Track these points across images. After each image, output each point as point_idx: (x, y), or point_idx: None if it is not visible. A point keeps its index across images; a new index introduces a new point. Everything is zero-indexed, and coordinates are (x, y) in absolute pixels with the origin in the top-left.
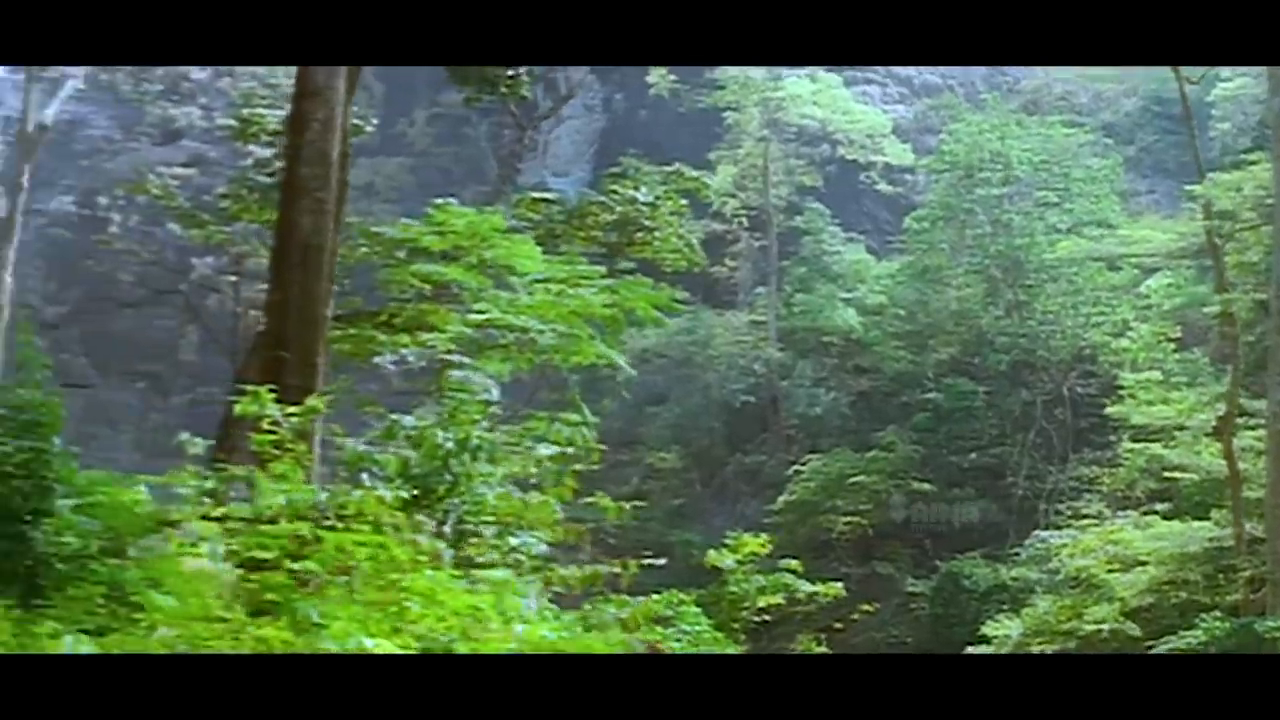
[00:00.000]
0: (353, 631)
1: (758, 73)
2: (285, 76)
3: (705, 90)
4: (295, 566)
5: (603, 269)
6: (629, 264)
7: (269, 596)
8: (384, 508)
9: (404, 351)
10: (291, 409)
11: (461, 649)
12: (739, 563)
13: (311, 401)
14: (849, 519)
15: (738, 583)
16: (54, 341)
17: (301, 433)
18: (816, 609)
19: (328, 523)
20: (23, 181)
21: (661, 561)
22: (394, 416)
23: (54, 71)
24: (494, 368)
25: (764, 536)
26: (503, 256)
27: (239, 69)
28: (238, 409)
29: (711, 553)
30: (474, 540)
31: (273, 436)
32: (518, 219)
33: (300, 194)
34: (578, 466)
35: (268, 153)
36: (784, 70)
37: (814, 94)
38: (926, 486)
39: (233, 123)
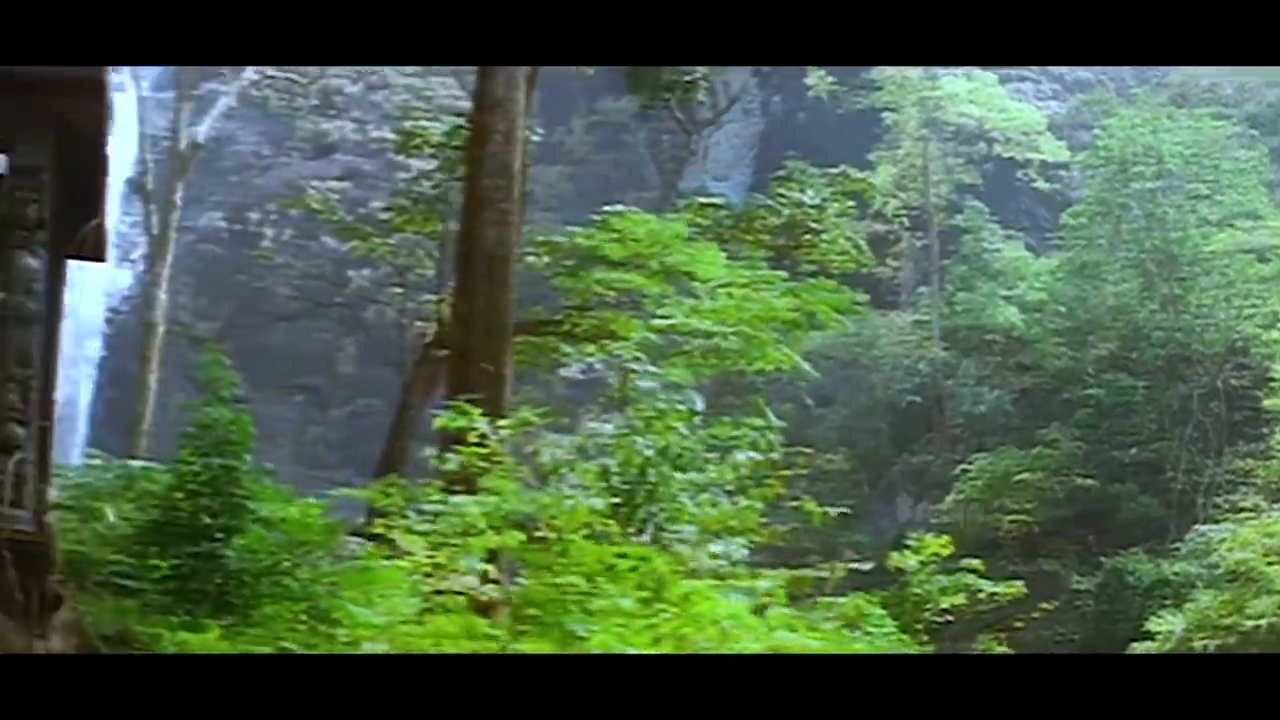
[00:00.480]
0: (613, 644)
1: (914, 72)
2: (441, 88)
3: (863, 91)
4: (559, 580)
5: (784, 273)
6: (808, 267)
7: (530, 611)
8: (596, 517)
9: (590, 360)
10: (503, 422)
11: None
12: (921, 564)
13: (524, 414)
14: (1015, 517)
15: (920, 584)
16: None
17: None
18: (990, 609)
19: (540, 534)
20: (176, 199)
21: (868, 566)
22: (591, 424)
23: (205, 88)
24: (678, 374)
25: (945, 537)
26: (684, 263)
27: (393, 82)
28: (439, 423)
29: (895, 554)
30: (675, 547)
31: (483, 450)
32: (686, 224)
33: (484, 206)
34: (784, 471)
35: (428, 165)
36: (939, 68)
37: (970, 92)
38: (1089, 482)
39: (393, 136)
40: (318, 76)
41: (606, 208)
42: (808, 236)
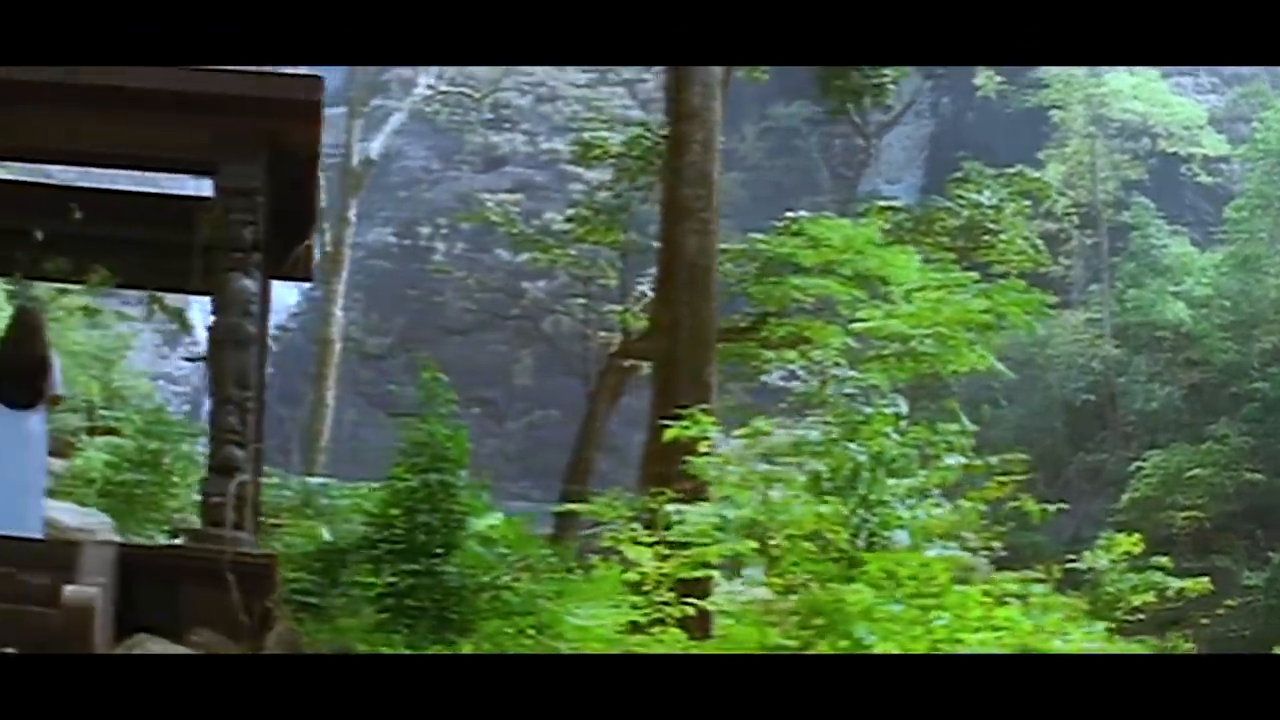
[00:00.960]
0: (892, 650)
1: (1080, 70)
2: (611, 98)
3: (1031, 90)
4: (844, 590)
5: (975, 274)
6: (997, 268)
7: (816, 621)
8: (824, 523)
9: (792, 366)
10: (740, 431)
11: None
12: (1112, 562)
13: (757, 423)
14: (1187, 513)
15: (1112, 582)
16: (379, 372)
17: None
18: (1175, 606)
19: (773, 541)
20: (349, 216)
21: (1084, 565)
22: (799, 431)
23: (375, 104)
24: (876, 378)
25: (1135, 535)
26: (877, 267)
27: (563, 93)
28: (670, 433)
29: (1087, 554)
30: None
31: (716, 458)
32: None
33: (684, 215)
34: (1002, 476)
35: (602, 175)
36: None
37: (1134, 88)
38: (1257, 477)
39: (564, 147)
40: (490, 90)
41: (789, 213)
42: (986, 237)
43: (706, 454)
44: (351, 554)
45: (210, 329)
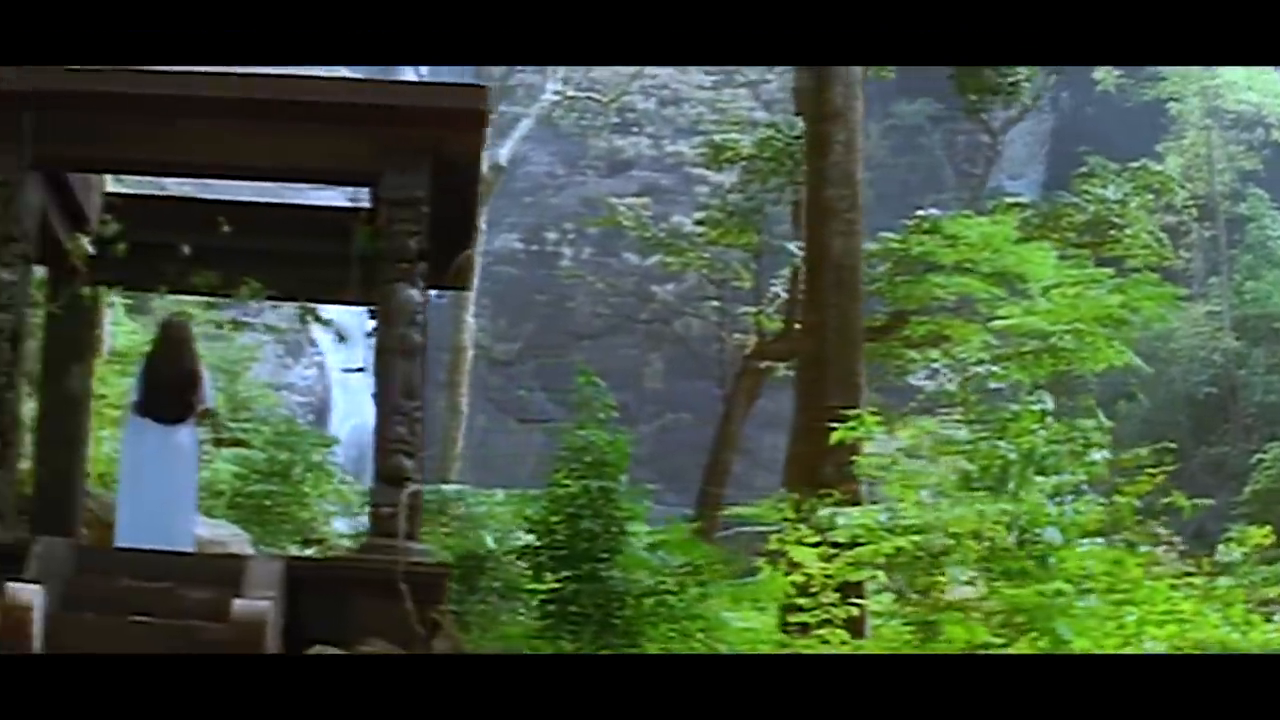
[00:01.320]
0: (1089, 646)
1: None
2: (735, 99)
3: (1149, 83)
4: (1046, 587)
5: (1110, 270)
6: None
7: (1018, 619)
8: (986, 523)
9: (934, 365)
10: (908, 432)
11: None
12: (1245, 555)
13: (924, 423)
14: None
15: (1245, 575)
16: (508, 379)
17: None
18: None
19: (937, 541)
20: (480, 224)
21: (1237, 557)
22: (944, 430)
23: (503, 109)
24: (1017, 376)
25: (1266, 528)
26: (1015, 264)
27: (686, 96)
28: (838, 435)
29: (1221, 546)
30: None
31: (882, 459)
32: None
33: (829, 216)
34: (1153, 469)
35: (729, 178)
36: None
37: (1248, 79)
38: None
39: (689, 150)
40: (618, 94)
41: (919, 211)
42: (1111, 232)
43: (873, 455)
44: (489, 561)
45: (377, 339)
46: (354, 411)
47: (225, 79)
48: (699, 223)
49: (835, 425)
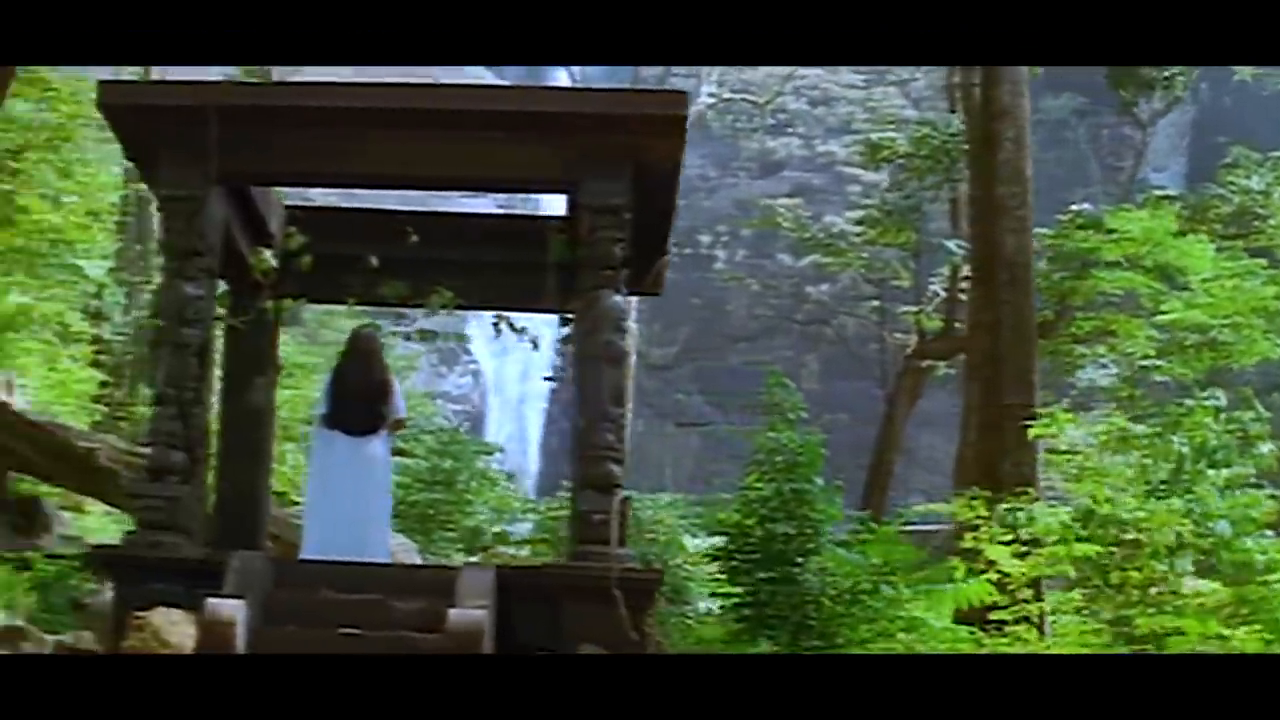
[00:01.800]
0: None
1: None
2: (885, 98)
3: None
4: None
5: (1263, 260)
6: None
7: (1243, 611)
8: (1174, 518)
9: (1103, 360)
10: (1100, 428)
11: None
12: None
13: (1115, 419)
14: None
15: None
16: (665, 382)
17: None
18: None
19: (1129, 536)
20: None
21: None
22: (1122, 424)
23: None
24: (1180, 370)
25: None
26: (1175, 258)
27: (835, 95)
28: (1035, 431)
29: None
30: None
31: (1075, 456)
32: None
33: (1000, 213)
34: None
35: (879, 177)
36: None
37: None
38: None
39: (851, 149)
40: (772, 96)
41: (1072, 207)
42: (1256, 223)
43: (1064, 452)
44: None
45: (578, 346)
46: (508, 419)
47: (417, 90)
48: (858, 222)
49: (1013, 422)
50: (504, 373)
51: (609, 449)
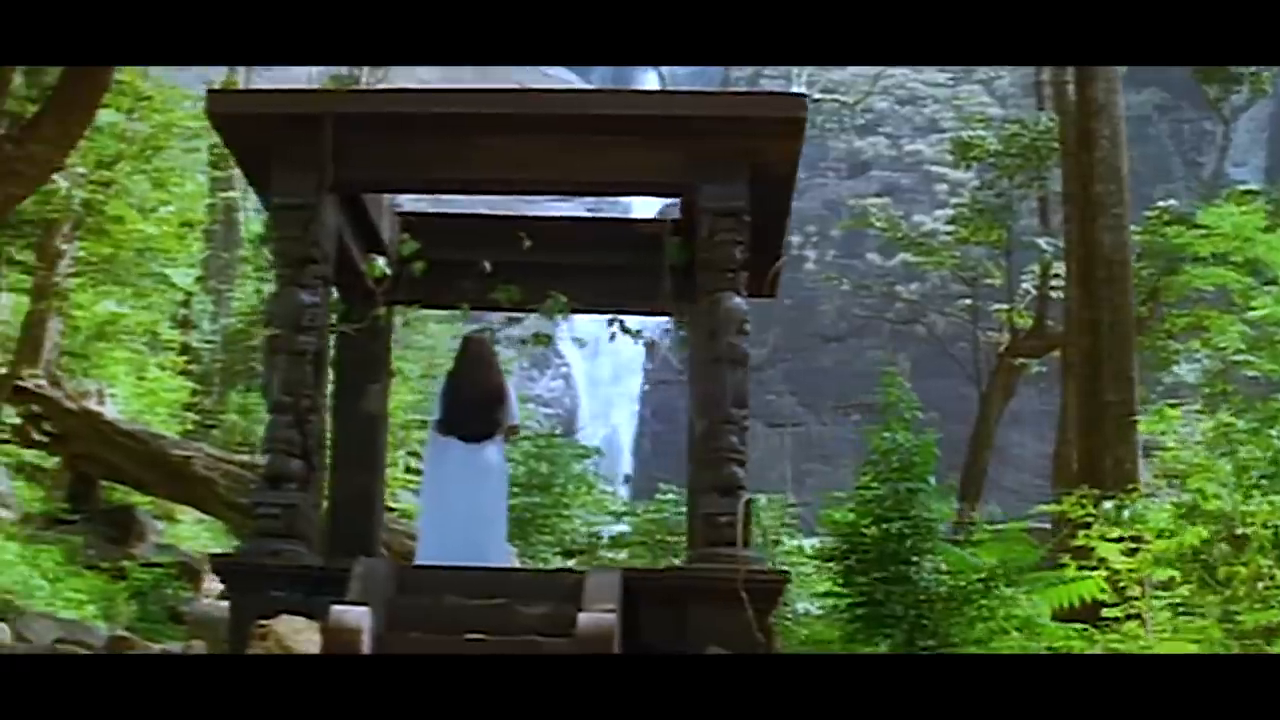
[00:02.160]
0: None
1: None
2: (969, 96)
3: None
4: None
5: None
6: None
7: None
8: (1276, 513)
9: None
10: (1208, 424)
11: None
12: None
13: (1222, 417)
14: None
15: None
16: (757, 383)
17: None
18: None
19: (1237, 532)
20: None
21: None
22: (1227, 420)
23: None
24: (1269, 366)
25: None
26: (1265, 252)
27: (921, 94)
28: (1145, 426)
29: None
30: None
31: (1181, 451)
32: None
33: (1098, 212)
34: None
35: (969, 175)
36: None
37: None
38: None
39: (938, 148)
40: (862, 96)
41: (1159, 203)
42: None
43: (1171, 449)
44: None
45: (697, 350)
46: (600, 422)
47: (534, 96)
48: (949, 221)
49: (1113, 420)
50: (595, 374)
51: (732, 451)
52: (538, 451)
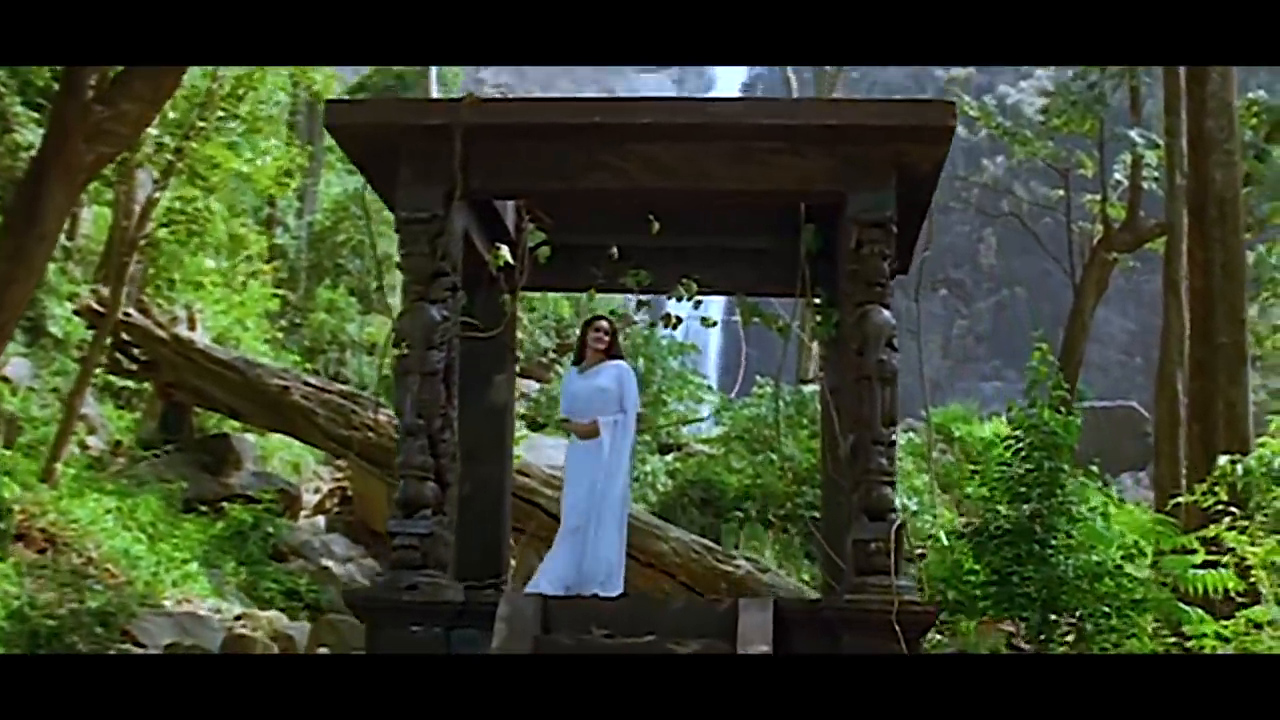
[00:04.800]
0: None
1: None
2: None
3: None
4: None
5: None
6: None
7: None
8: None
9: None
10: None
11: None
12: None
13: None
14: None
15: None
16: None
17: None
18: None
19: None
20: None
21: None
22: None
23: None
24: None
25: None
26: None
27: None
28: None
29: None
30: None
31: None
32: None
33: (1211, 148)
34: None
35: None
36: None
37: None
38: None
39: None
40: None
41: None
42: None
43: None
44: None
45: (847, 365)
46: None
47: (679, 104)
48: (1042, 111)
49: (1226, 362)
50: None
51: (882, 474)
52: (634, 350)
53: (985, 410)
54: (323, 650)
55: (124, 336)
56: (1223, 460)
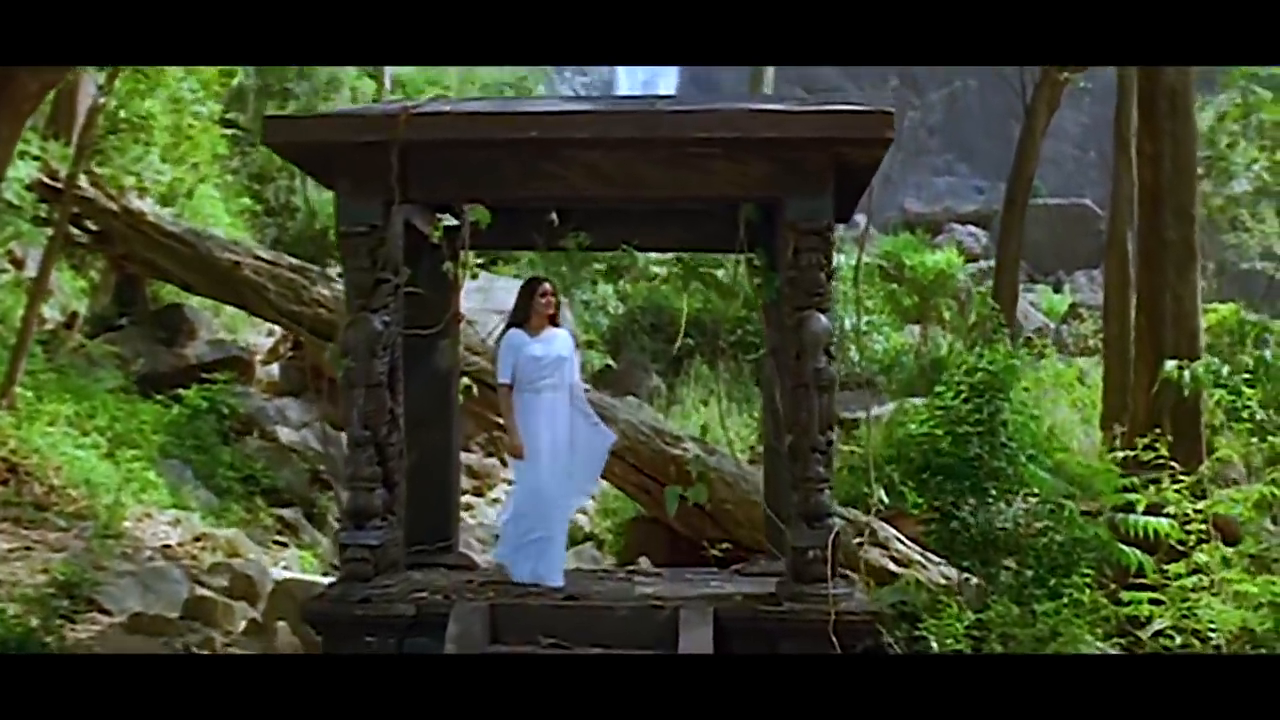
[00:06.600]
0: None
1: None
2: None
3: None
4: None
5: None
6: None
7: None
8: None
9: None
10: None
11: None
12: None
13: None
14: None
15: None
16: None
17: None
18: None
19: None
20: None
21: None
22: None
23: None
24: None
25: None
26: None
27: None
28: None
29: None
30: None
31: None
32: None
33: None
34: None
35: None
36: None
37: None
38: None
39: None
40: None
41: None
42: None
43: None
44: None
45: (786, 371)
46: None
47: (615, 117)
48: None
49: (1174, 257)
50: None
51: (820, 481)
52: None
53: (938, 204)
54: (281, 624)
55: (73, 210)
56: (1169, 365)
